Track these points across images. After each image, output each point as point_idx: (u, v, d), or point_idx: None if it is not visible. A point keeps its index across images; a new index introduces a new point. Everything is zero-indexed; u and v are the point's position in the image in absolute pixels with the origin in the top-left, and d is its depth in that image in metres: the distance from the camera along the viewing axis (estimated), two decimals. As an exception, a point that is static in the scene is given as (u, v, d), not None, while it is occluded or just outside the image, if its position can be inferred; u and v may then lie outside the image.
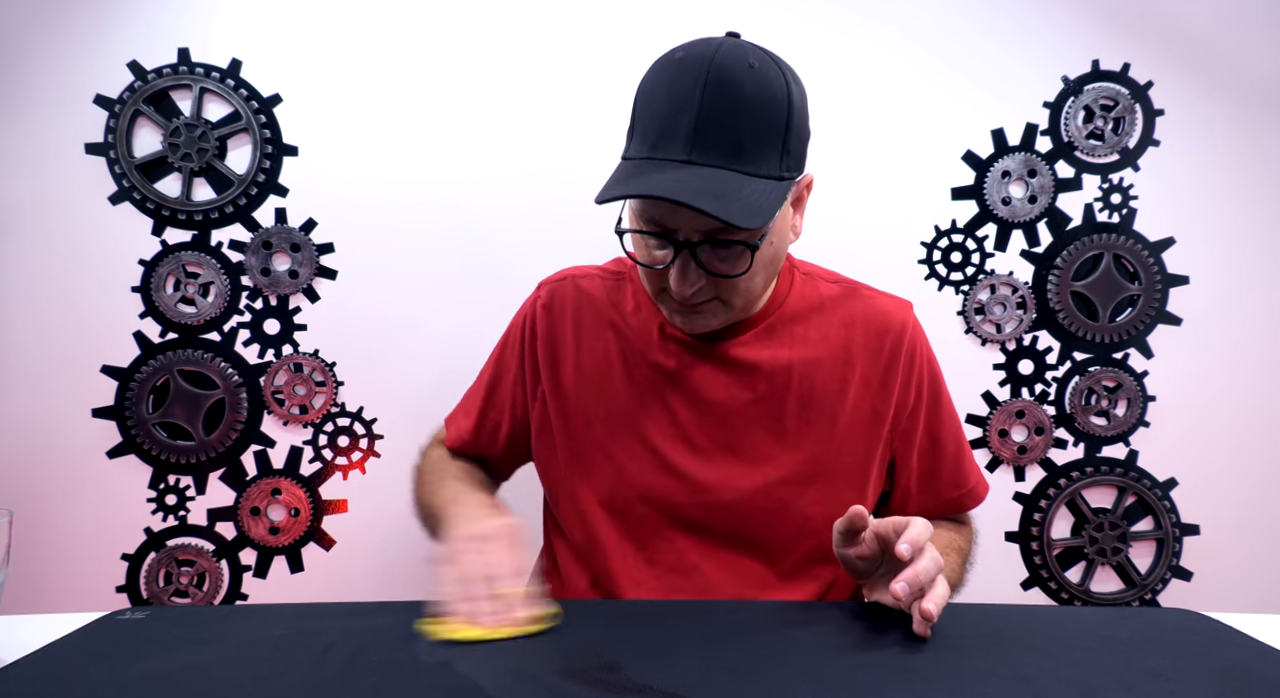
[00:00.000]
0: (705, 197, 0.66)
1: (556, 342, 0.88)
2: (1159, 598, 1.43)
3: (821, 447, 0.84)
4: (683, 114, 0.69)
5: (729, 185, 0.68)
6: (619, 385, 0.86)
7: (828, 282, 0.89)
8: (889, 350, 0.85)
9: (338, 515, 1.37)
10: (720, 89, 0.68)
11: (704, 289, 0.75)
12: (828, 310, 0.86)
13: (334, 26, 1.34)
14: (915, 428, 0.88)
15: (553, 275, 0.94)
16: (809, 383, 0.84)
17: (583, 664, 0.53)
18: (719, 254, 0.73)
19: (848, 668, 0.53)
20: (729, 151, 0.69)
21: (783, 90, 0.71)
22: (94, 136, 1.31)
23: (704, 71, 0.68)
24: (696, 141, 0.68)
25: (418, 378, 1.36)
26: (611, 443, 0.85)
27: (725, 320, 0.80)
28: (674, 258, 0.73)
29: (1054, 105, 1.39)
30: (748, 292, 0.78)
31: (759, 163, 0.70)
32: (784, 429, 0.83)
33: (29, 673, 0.53)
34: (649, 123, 0.72)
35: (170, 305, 1.33)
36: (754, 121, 0.69)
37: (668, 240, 0.73)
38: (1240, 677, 0.52)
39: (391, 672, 0.52)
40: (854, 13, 1.37)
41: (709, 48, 0.71)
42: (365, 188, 1.35)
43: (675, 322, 0.81)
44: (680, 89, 0.69)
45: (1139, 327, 1.40)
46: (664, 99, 0.70)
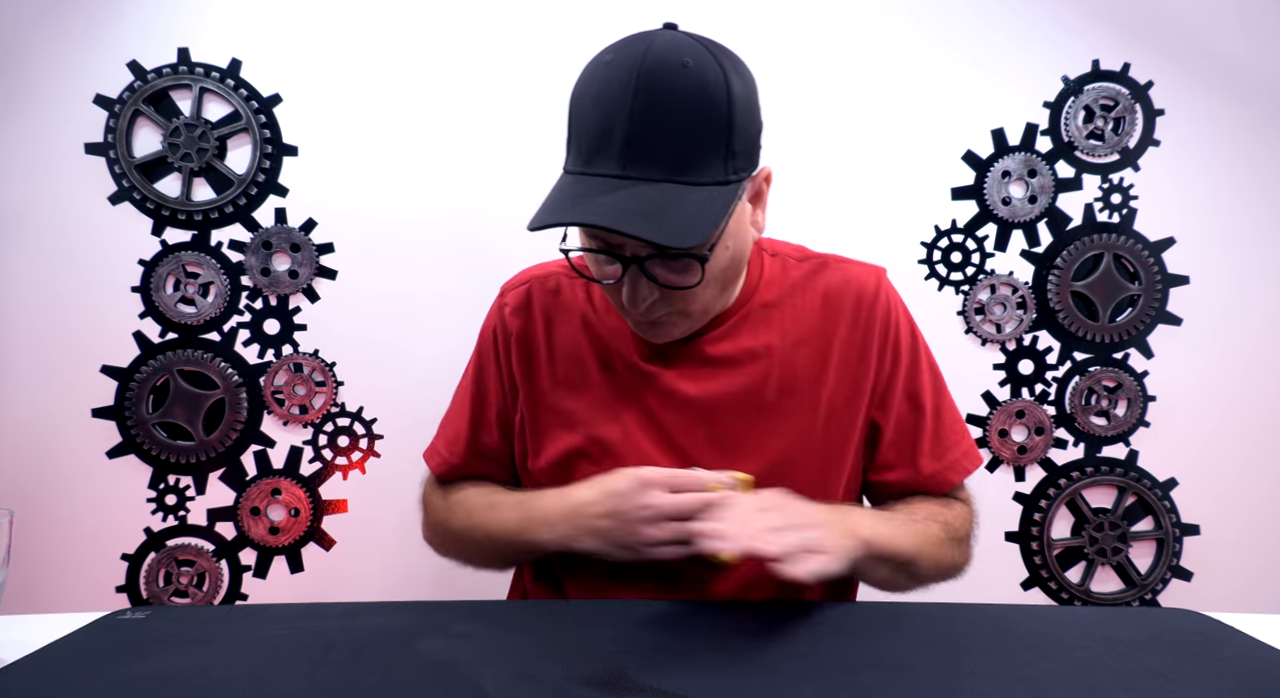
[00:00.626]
0: (634, 218, 0.63)
1: (530, 345, 0.86)
2: (1159, 598, 1.43)
3: (806, 429, 0.82)
4: (614, 125, 0.65)
5: (666, 201, 0.65)
6: (595, 386, 0.84)
7: (797, 261, 0.87)
8: (864, 319, 0.83)
9: (338, 515, 1.37)
10: (652, 96, 0.65)
11: (659, 303, 0.73)
12: (801, 290, 0.84)
13: (334, 26, 1.34)
14: (892, 394, 0.84)
15: (514, 279, 0.91)
16: (790, 367, 0.82)
17: (583, 664, 0.53)
18: (669, 266, 0.70)
19: (848, 668, 0.53)
20: (666, 163, 0.66)
21: (721, 88, 0.67)
22: (94, 136, 1.31)
23: (634, 76, 0.65)
24: (630, 156, 0.65)
25: (418, 378, 1.36)
26: (590, 446, 0.83)
27: (688, 330, 0.79)
28: (624, 274, 0.71)
29: (1054, 105, 1.39)
30: (705, 300, 0.76)
31: (700, 170, 0.67)
32: (766, 417, 0.81)
33: (29, 673, 0.53)
34: (582, 135, 0.69)
35: (170, 305, 1.33)
36: (692, 127, 0.66)
37: (615, 256, 0.70)
38: (1240, 677, 0.52)
39: (391, 672, 0.52)
40: (853, 12, 1.37)
41: (639, 48, 0.67)
42: (365, 188, 1.35)
43: (641, 332, 0.79)
44: (610, 97, 0.66)
45: (1139, 327, 1.40)
46: (593, 108, 0.67)
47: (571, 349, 0.85)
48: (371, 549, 1.37)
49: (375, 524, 1.37)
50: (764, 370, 0.82)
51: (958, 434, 0.86)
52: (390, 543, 1.37)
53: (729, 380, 0.82)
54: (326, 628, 0.60)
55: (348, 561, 1.37)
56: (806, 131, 1.37)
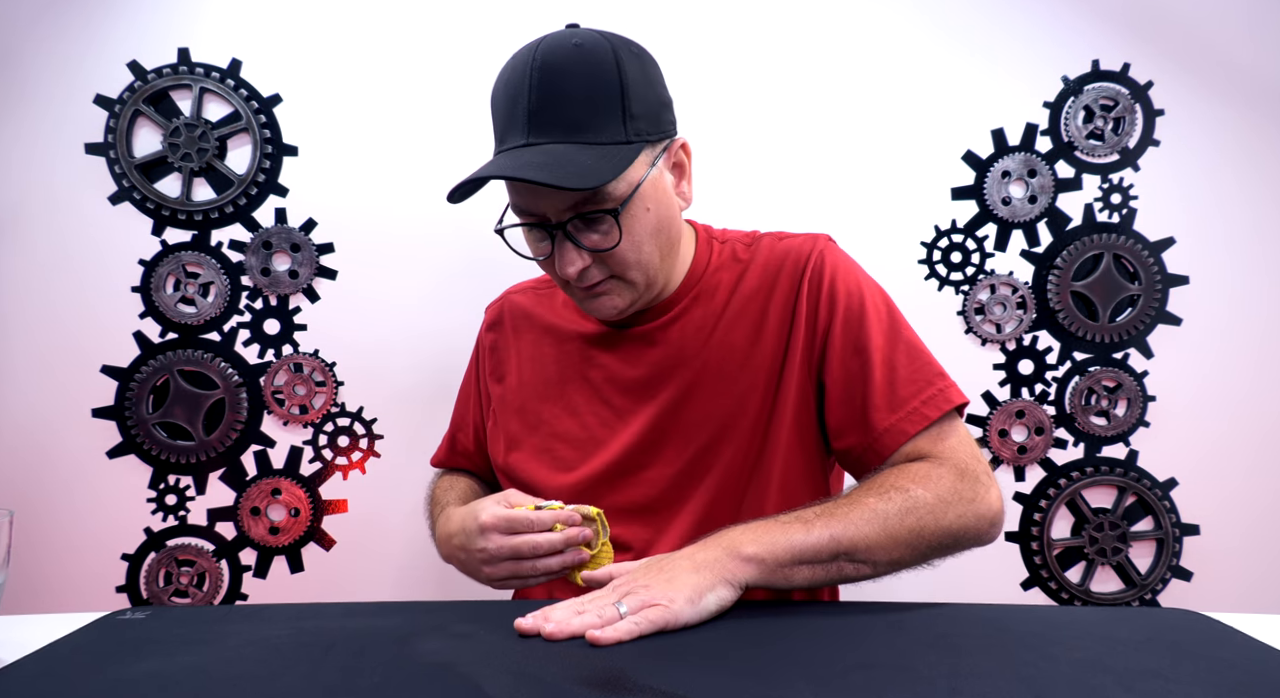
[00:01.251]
0: (531, 168, 0.69)
1: (501, 354, 0.96)
2: (1159, 598, 1.43)
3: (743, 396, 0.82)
4: (518, 103, 0.73)
5: (566, 155, 0.71)
6: (555, 386, 0.90)
7: (742, 244, 0.89)
8: (798, 281, 0.83)
9: (338, 515, 1.37)
10: (546, 70, 0.73)
11: (593, 269, 0.77)
12: (745, 269, 0.86)
13: (334, 26, 1.34)
14: (831, 348, 0.80)
15: (494, 300, 1.02)
16: (728, 342, 0.83)
17: (583, 664, 0.53)
18: (591, 229, 0.76)
19: (848, 668, 0.53)
20: (565, 126, 0.72)
21: (610, 59, 0.74)
22: (94, 136, 1.31)
23: (530, 59, 0.74)
24: (533, 124, 0.73)
25: (418, 378, 1.36)
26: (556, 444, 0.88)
27: (633, 298, 0.81)
28: (553, 245, 0.76)
29: (1054, 105, 1.39)
30: (640, 263, 0.78)
31: (598, 131, 0.73)
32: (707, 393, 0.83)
33: (29, 673, 0.53)
34: (496, 121, 0.77)
35: (170, 305, 1.33)
36: (585, 93, 0.73)
37: (544, 229, 0.76)
38: (1240, 677, 0.52)
39: (391, 672, 0.52)
40: (853, 13, 1.37)
41: (537, 40, 0.76)
42: (365, 188, 1.35)
43: (587, 309, 0.83)
44: (513, 81, 0.75)
45: (1139, 327, 1.40)
46: (503, 94, 0.76)
47: (536, 355, 0.92)
48: (371, 549, 1.37)
49: (375, 524, 1.37)
50: (707, 352, 0.84)
51: (919, 382, 0.78)
52: (390, 543, 1.37)
53: (671, 362, 0.84)
54: (326, 628, 0.60)
55: (348, 561, 1.37)
56: (806, 131, 1.37)
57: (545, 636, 0.58)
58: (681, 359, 0.84)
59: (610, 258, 0.77)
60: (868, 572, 0.71)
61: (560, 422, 0.89)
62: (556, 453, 0.88)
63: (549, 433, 0.89)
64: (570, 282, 0.79)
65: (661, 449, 0.84)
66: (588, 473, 0.85)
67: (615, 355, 0.87)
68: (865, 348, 0.79)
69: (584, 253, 0.76)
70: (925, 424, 0.77)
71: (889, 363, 0.79)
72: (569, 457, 0.87)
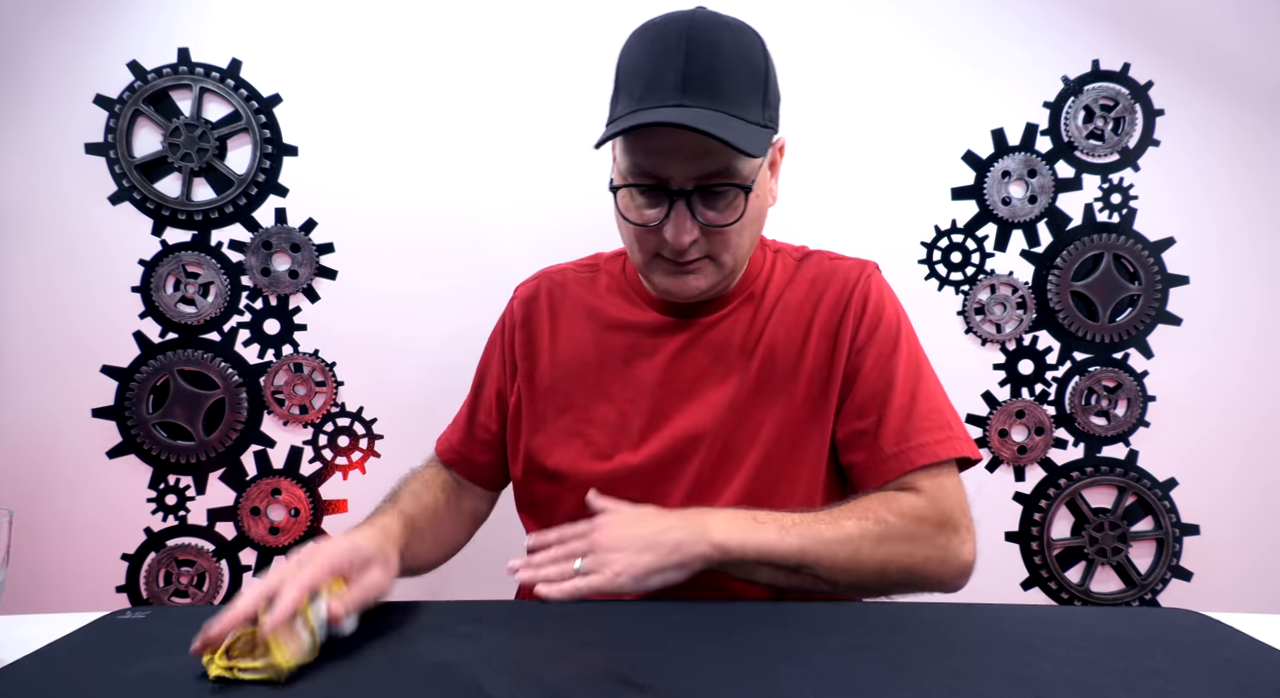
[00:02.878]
0: (702, 122, 0.68)
1: (534, 332, 0.91)
2: (1159, 598, 1.43)
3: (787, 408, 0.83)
4: (668, 65, 0.71)
5: (722, 120, 0.70)
6: (593, 371, 0.87)
7: (794, 255, 0.91)
8: (844, 302, 0.85)
9: (338, 516, 1.37)
10: (701, 41, 0.72)
11: (698, 244, 0.76)
12: (796, 280, 0.88)
13: (334, 26, 1.34)
14: (862, 367, 0.82)
15: (527, 279, 0.97)
16: (773, 341, 0.84)
17: (583, 664, 0.53)
18: (711, 203, 0.75)
19: (847, 668, 0.53)
20: (716, 95, 0.71)
21: (759, 44, 0.76)
22: (94, 136, 1.31)
23: (685, 27, 0.72)
24: (685, 87, 0.71)
25: (418, 378, 1.36)
26: (592, 430, 0.86)
27: (714, 281, 0.81)
28: (669, 211, 0.74)
29: (1054, 105, 1.39)
30: (737, 248, 0.79)
31: (745, 108, 0.73)
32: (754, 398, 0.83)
33: (29, 673, 0.53)
34: (634, 82, 0.74)
35: (170, 305, 1.33)
36: (737, 69, 0.73)
37: (661, 193, 0.74)
38: (1240, 677, 0.52)
39: (391, 672, 0.52)
40: (853, 13, 1.37)
41: (685, 12, 0.75)
42: (365, 188, 1.35)
43: (665, 286, 0.81)
44: (663, 45, 0.72)
45: (1139, 327, 1.40)
46: (648, 57, 0.73)
47: (574, 337, 0.89)
48: (371, 549, 1.37)
49: (375, 524, 1.37)
50: (753, 355, 0.84)
51: (935, 424, 0.80)
52: (390, 543, 1.36)
53: (728, 359, 0.84)
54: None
55: (348, 561, 1.37)
56: (806, 131, 1.37)
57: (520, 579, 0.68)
58: (727, 359, 0.84)
59: (717, 235, 0.76)
60: (825, 588, 0.75)
61: (596, 407, 0.86)
62: (589, 438, 0.86)
63: (581, 417, 0.86)
64: (667, 253, 0.77)
65: (699, 447, 0.83)
66: (622, 463, 0.84)
67: (661, 347, 0.85)
68: (891, 377, 0.81)
69: (698, 226, 0.75)
70: (931, 460, 0.78)
71: (910, 397, 0.81)
72: (602, 444, 0.85)
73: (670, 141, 0.71)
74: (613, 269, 0.92)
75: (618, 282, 0.90)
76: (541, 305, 0.92)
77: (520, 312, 0.92)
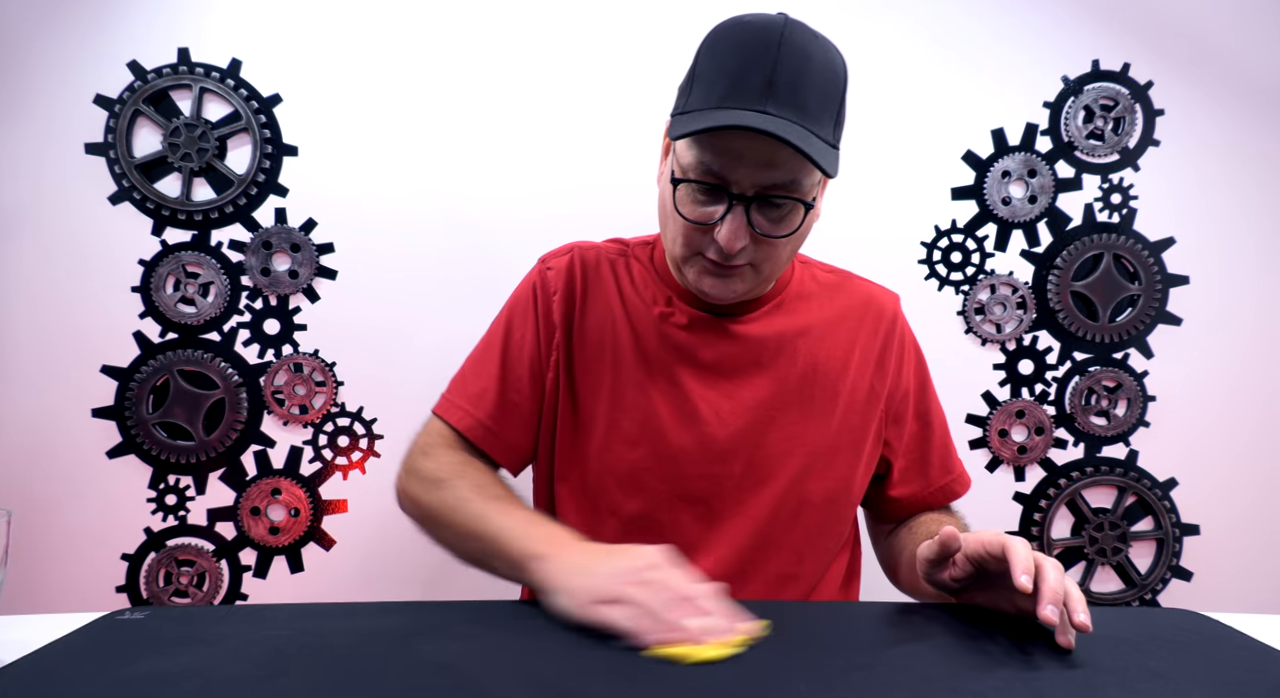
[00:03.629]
0: (787, 133, 0.67)
1: (570, 311, 0.87)
2: (1159, 598, 1.43)
3: (825, 417, 0.85)
4: (756, 68, 0.70)
5: (803, 135, 0.69)
6: (626, 362, 0.85)
7: (823, 271, 0.93)
8: (884, 334, 0.88)
9: (338, 515, 1.37)
10: (793, 50, 0.70)
11: (745, 250, 0.75)
12: (825, 295, 0.89)
13: (334, 26, 1.34)
14: (906, 411, 0.89)
15: (556, 250, 0.92)
16: (814, 357, 0.86)
17: (582, 664, 0.53)
18: (769, 212, 0.74)
19: (848, 668, 0.53)
20: (799, 108, 0.70)
21: (841, 63, 0.75)
22: (94, 136, 1.31)
23: (779, 32, 0.71)
24: (770, 94, 0.69)
25: (418, 378, 1.36)
26: (620, 416, 0.84)
27: (750, 288, 0.81)
28: (725, 213, 0.73)
29: (1054, 105, 1.39)
30: (779, 260, 0.79)
31: (821, 125, 0.72)
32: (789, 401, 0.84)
33: (29, 673, 0.53)
34: (717, 76, 0.72)
35: (170, 305, 1.33)
36: (820, 85, 0.72)
37: (721, 193, 0.73)
38: (1240, 677, 0.52)
39: (391, 672, 0.52)
40: (853, 13, 1.37)
41: (778, 17, 0.73)
42: (365, 188, 1.35)
43: (702, 286, 0.79)
44: (754, 46, 0.71)
45: (1139, 327, 1.40)
46: (737, 55, 0.71)
47: (605, 322, 0.86)
48: (372, 549, 1.37)
49: (375, 524, 1.37)
50: (792, 356, 0.85)
51: (954, 454, 0.93)
52: (390, 543, 1.36)
53: (758, 362, 0.84)
54: (326, 628, 0.60)
55: (348, 561, 1.37)
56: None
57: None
58: (760, 361, 0.85)
59: (766, 245, 0.76)
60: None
61: (626, 394, 0.84)
62: (619, 426, 0.84)
63: (611, 402, 0.84)
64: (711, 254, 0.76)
65: (736, 449, 0.83)
66: (649, 453, 0.83)
67: (696, 344, 0.84)
68: (928, 417, 0.91)
69: (749, 233, 0.74)
70: (965, 492, 0.92)
71: (944, 430, 0.92)
72: (631, 433, 0.83)
73: (744, 146, 0.70)
74: (641, 256, 0.90)
75: (647, 269, 0.88)
76: (577, 281, 0.87)
77: (557, 282, 0.87)
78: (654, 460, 0.83)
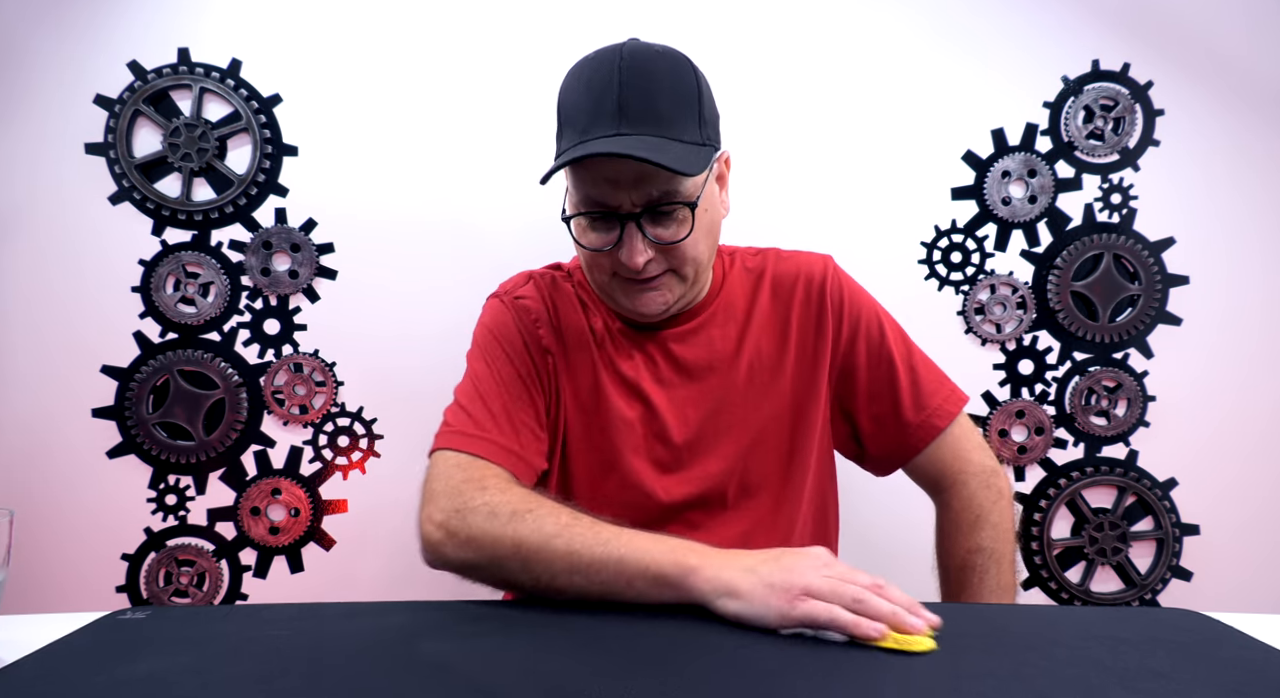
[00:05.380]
0: (640, 148, 0.71)
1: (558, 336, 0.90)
2: (1159, 598, 1.43)
3: (776, 407, 0.88)
4: (605, 96, 0.75)
5: (660, 144, 0.73)
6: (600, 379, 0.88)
7: (750, 256, 0.95)
8: (815, 298, 0.90)
9: (338, 515, 1.37)
10: (634, 71, 0.75)
11: (655, 262, 0.79)
12: (757, 283, 0.92)
13: (334, 26, 1.34)
14: (856, 362, 0.91)
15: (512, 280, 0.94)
16: (756, 351, 0.89)
17: (582, 664, 0.53)
18: (662, 223, 0.78)
19: (848, 668, 0.53)
20: (654, 121, 0.74)
21: (689, 67, 0.79)
22: (94, 136, 1.31)
23: (617, 58, 0.76)
24: (623, 116, 0.74)
25: (418, 378, 1.36)
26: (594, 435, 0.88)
27: (680, 294, 0.83)
28: (620, 235, 0.77)
29: (1054, 105, 1.39)
30: (696, 260, 0.81)
31: (681, 130, 0.76)
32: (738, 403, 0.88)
33: (29, 673, 0.53)
34: (575, 116, 0.77)
35: (170, 305, 1.33)
36: (671, 93, 0.76)
37: (612, 218, 0.77)
38: (1240, 677, 0.52)
39: (391, 672, 0.52)
40: (853, 12, 1.37)
41: (616, 45, 0.78)
42: (365, 188, 1.35)
43: (629, 305, 0.83)
44: (598, 77, 0.76)
45: (1139, 327, 1.40)
46: (584, 90, 0.77)
47: (577, 336, 0.89)
48: (371, 549, 1.37)
49: (375, 524, 1.37)
50: (732, 366, 0.88)
51: (934, 382, 0.92)
52: (391, 543, 1.36)
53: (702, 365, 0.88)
54: (326, 628, 0.60)
55: (348, 561, 1.37)
56: (806, 132, 1.37)
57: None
58: (712, 364, 0.88)
59: (673, 251, 0.79)
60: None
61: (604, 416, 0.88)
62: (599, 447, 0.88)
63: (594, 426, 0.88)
64: (625, 274, 0.80)
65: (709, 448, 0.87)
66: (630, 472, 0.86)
67: (645, 355, 0.88)
68: (889, 359, 0.91)
69: (651, 245, 0.78)
70: (950, 420, 0.91)
71: (910, 369, 0.91)
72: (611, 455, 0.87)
73: (614, 169, 0.74)
74: (582, 280, 0.92)
75: (587, 293, 0.91)
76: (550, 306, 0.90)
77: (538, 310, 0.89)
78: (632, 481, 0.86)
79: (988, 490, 0.90)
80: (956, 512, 0.91)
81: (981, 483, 0.91)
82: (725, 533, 0.86)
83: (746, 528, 0.86)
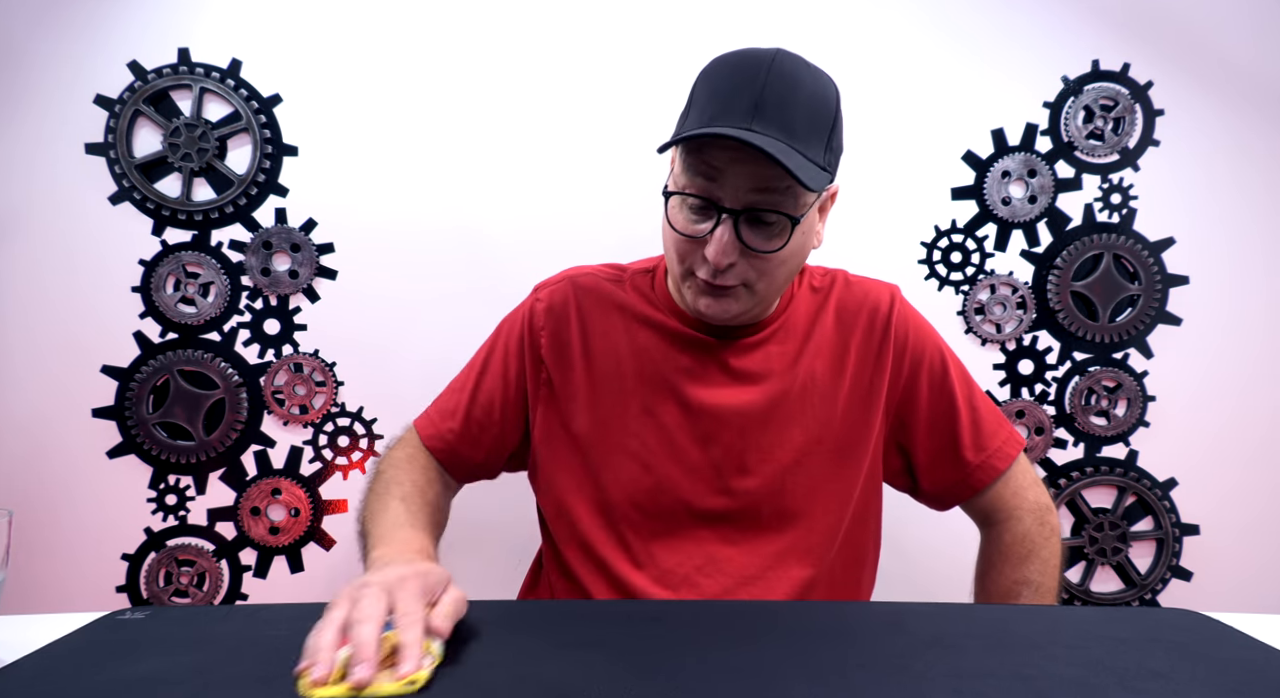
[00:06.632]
0: (769, 147, 0.69)
1: (564, 345, 0.89)
2: (1159, 598, 1.43)
3: (823, 425, 0.86)
4: (745, 92, 0.72)
5: (787, 151, 0.71)
6: (632, 383, 0.87)
7: (819, 275, 0.93)
8: (880, 329, 0.88)
9: (338, 515, 1.37)
10: (782, 76, 0.73)
11: (736, 269, 0.76)
12: (822, 305, 0.90)
13: (334, 26, 1.34)
14: (916, 398, 0.89)
15: (550, 278, 0.94)
16: (810, 373, 0.86)
17: (582, 664, 0.53)
18: (757, 228, 0.75)
19: (847, 668, 0.53)
20: (785, 128, 0.72)
21: (833, 91, 0.77)
22: (94, 136, 1.31)
23: (769, 60, 0.74)
24: (757, 114, 0.71)
25: (418, 378, 1.36)
26: (628, 440, 0.86)
27: (747, 308, 0.81)
28: (714, 227, 0.74)
29: (1054, 105, 1.39)
30: (773, 279, 0.79)
31: (808, 146, 0.73)
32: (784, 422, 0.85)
33: (29, 673, 0.53)
34: (708, 102, 0.75)
35: (170, 305, 1.33)
36: (809, 109, 0.74)
37: (711, 208, 0.75)
38: (1240, 677, 0.52)
39: (391, 672, 0.52)
40: (853, 12, 1.37)
41: (769, 48, 0.76)
42: (365, 188, 1.35)
43: (698, 306, 0.80)
44: (744, 72, 0.74)
45: (1139, 327, 1.40)
46: (728, 81, 0.74)
47: (610, 346, 0.88)
48: (371, 549, 1.37)
49: (375, 524, 1.37)
50: (785, 383, 0.86)
51: (995, 424, 0.91)
52: (390, 543, 1.36)
53: (753, 392, 0.85)
54: (326, 628, 0.60)
55: (348, 561, 1.37)
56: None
57: None
58: (763, 377, 0.86)
59: (757, 261, 0.77)
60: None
61: (637, 419, 0.86)
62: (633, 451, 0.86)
63: (624, 430, 0.86)
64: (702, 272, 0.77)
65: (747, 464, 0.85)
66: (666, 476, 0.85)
67: (701, 362, 0.86)
68: (951, 397, 0.89)
69: (739, 248, 0.75)
70: (1010, 462, 0.90)
71: (971, 409, 0.90)
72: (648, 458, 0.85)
73: (731, 159, 0.72)
74: (641, 283, 0.91)
75: (645, 294, 0.90)
76: (571, 313, 0.89)
77: (547, 323, 0.89)
78: (670, 484, 0.85)
79: (1041, 528, 0.90)
80: (1008, 545, 0.90)
81: (1036, 519, 0.90)
82: (758, 553, 0.84)
83: (781, 549, 0.84)
